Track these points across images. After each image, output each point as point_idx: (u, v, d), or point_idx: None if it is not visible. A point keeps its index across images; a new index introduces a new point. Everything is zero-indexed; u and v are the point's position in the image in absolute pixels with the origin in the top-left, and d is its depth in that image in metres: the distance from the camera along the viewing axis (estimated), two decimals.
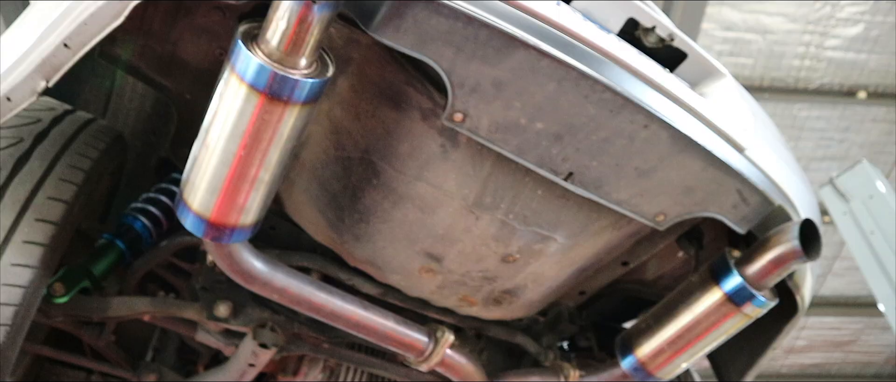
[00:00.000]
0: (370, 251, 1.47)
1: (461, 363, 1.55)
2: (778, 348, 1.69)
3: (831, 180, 4.13)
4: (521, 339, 1.79)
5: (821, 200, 4.36)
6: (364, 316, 1.43)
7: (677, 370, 1.60)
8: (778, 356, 9.06)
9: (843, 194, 4.06)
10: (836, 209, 4.10)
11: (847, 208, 4.01)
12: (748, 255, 1.43)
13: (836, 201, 4.09)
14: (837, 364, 9.31)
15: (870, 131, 7.17)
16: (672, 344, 1.54)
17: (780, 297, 1.51)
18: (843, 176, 4.14)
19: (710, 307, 1.47)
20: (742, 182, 1.32)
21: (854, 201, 4.02)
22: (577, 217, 1.36)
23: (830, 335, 8.89)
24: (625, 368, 1.61)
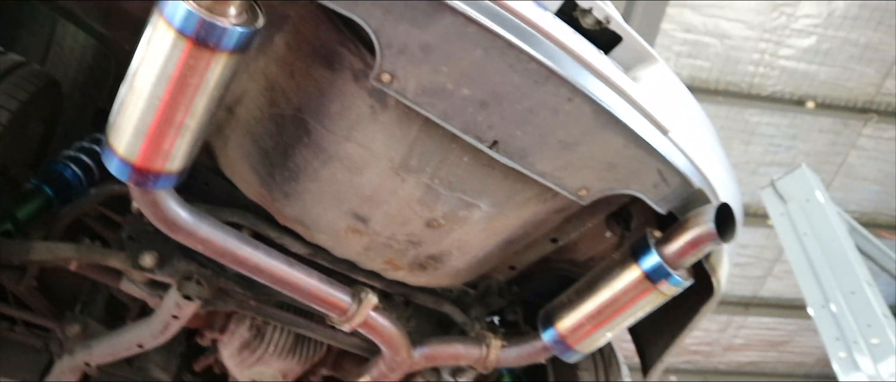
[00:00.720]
0: (299, 209, 1.49)
1: (384, 325, 1.58)
2: (695, 328, 1.75)
3: (772, 182, 4.27)
4: (449, 309, 1.82)
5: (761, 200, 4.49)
6: (289, 273, 1.44)
7: (596, 343, 1.65)
8: (716, 352, 9.33)
9: (782, 197, 4.19)
10: (774, 210, 4.24)
11: (784, 210, 4.14)
12: (667, 235, 1.48)
13: (776, 202, 4.22)
14: (772, 363, 9.63)
15: (816, 141, 7.41)
16: (592, 319, 1.59)
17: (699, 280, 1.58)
18: (784, 179, 4.28)
19: (628, 284, 1.52)
20: (663, 163, 1.37)
21: (791, 203, 4.15)
22: (501, 186, 1.39)
23: (767, 335, 9.19)
24: (545, 340, 1.65)
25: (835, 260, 3.81)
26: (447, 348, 1.72)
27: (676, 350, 1.82)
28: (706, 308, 1.67)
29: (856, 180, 7.76)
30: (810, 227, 3.98)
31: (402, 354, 1.65)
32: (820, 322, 3.74)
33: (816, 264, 3.87)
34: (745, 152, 7.34)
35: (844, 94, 7.07)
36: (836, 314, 3.62)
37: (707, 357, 9.46)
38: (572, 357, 1.68)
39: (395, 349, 1.64)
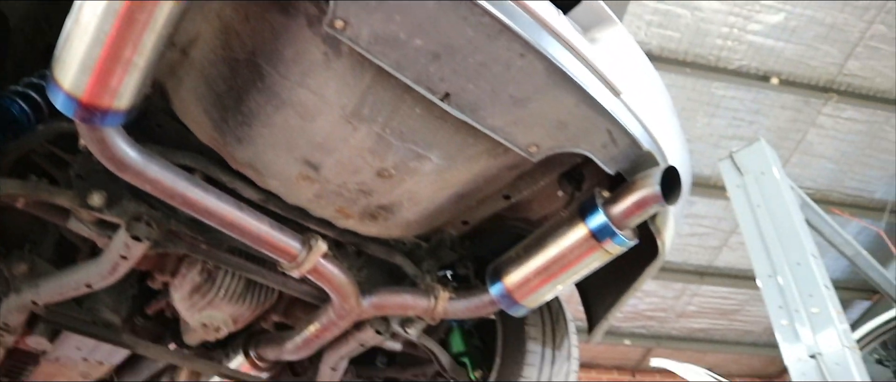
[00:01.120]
0: (251, 153, 1.49)
1: (333, 273, 1.59)
2: (639, 289, 1.80)
3: (730, 154, 4.35)
4: (400, 260, 1.84)
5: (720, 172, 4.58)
6: (239, 217, 1.44)
7: (542, 299, 1.69)
8: (670, 319, 9.59)
9: (740, 169, 4.28)
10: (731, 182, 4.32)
11: (741, 182, 4.23)
12: (614, 196, 1.52)
13: (732, 174, 4.31)
14: (722, 331, 9.94)
15: (778, 117, 7.55)
16: (538, 274, 1.62)
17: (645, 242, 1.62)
18: (742, 152, 4.36)
19: (575, 242, 1.55)
20: (613, 124, 1.39)
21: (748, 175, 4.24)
22: (453, 139, 1.40)
23: (719, 303, 9.46)
24: (493, 294, 1.69)
25: (784, 232, 3.92)
26: (396, 298, 1.75)
27: (621, 309, 1.87)
28: (650, 270, 1.72)
29: (813, 157, 7.96)
30: (763, 199, 4.07)
31: (350, 302, 1.67)
32: (766, 291, 3.86)
33: (767, 235, 3.97)
34: (708, 124, 7.46)
35: (808, 72, 7.20)
36: (782, 284, 3.74)
37: (661, 322, 9.72)
38: (519, 312, 1.73)
39: (343, 296, 1.66)
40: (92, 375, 2.29)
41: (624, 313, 9.50)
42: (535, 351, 1.98)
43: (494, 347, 2.10)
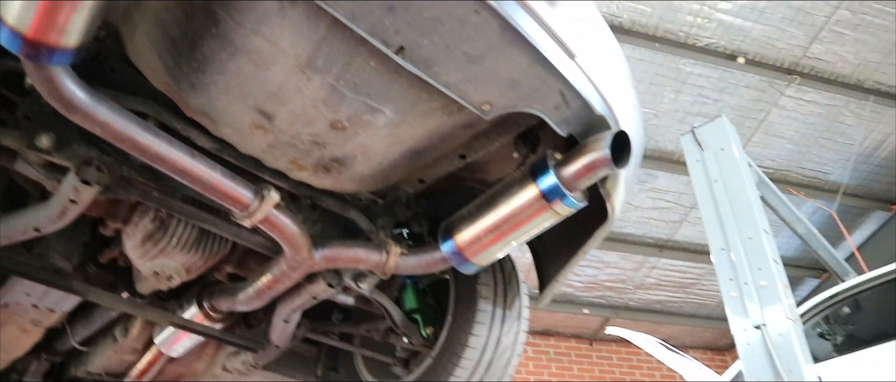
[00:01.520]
0: (205, 101, 1.48)
1: (285, 224, 1.60)
2: (589, 250, 1.84)
3: (692, 129, 4.42)
4: (355, 215, 1.86)
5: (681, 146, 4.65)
6: (191, 163, 1.43)
7: (492, 257, 1.73)
8: (628, 290, 9.79)
9: (700, 144, 4.35)
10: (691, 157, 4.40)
11: (700, 157, 4.31)
12: (565, 158, 1.54)
13: (693, 148, 4.38)
14: (678, 304, 10.19)
15: (742, 96, 7.67)
16: (489, 233, 1.65)
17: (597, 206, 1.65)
18: (703, 128, 4.43)
19: (525, 202, 1.58)
20: (566, 85, 1.41)
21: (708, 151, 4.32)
22: (406, 94, 1.41)
23: (677, 277, 9.68)
24: (444, 251, 1.71)
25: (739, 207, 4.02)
26: (348, 251, 1.77)
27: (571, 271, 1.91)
28: (599, 233, 1.75)
29: (774, 137, 8.12)
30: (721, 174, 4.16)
31: (302, 253, 1.69)
32: (718, 263, 3.96)
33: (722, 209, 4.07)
34: (675, 100, 7.55)
35: (773, 53, 7.31)
36: (733, 257, 3.85)
37: (620, 293, 9.92)
38: (469, 269, 1.76)
39: (296, 248, 1.67)
40: (43, 323, 2.28)
41: (583, 283, 9.68)
42: (486, 310, 2.02)
43: (447, 305, 2.13)
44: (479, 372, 2.02)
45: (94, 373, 2.63)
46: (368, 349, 2.42)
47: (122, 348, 2.47)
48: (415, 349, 2.20)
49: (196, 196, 1.72)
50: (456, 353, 2.01)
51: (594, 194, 1.65)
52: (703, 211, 4.27)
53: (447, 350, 2.04)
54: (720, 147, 4.33)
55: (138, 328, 2.40)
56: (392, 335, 2.21)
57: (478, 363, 2.01)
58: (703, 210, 4.26)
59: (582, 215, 1.77)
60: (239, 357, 2.45)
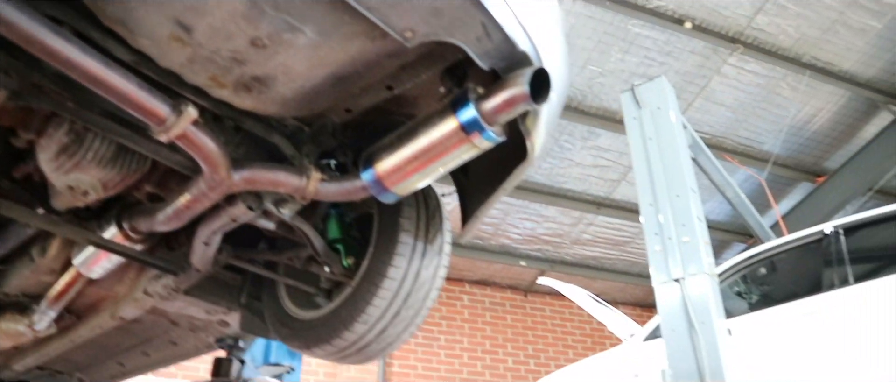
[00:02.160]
0: (122, 10, 1.43)
1: (204, 141, 1.59)
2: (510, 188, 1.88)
3: (632, 87, 4.49)
4: (278, 140, 1.85)
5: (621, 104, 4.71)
6: (104, 72, 1.40)
7: (412, 187, 1.76)
8: (565, 245, 10.03)
9: (638, 102, 4.43)
10: (629, 114, 4.48)
11: (637, 115, 4.39)
12: (486, 92, 1.57)
13: (631, 106, 4.46)
14: (611, 261, 10.51)
15: (686, 61, 7.81)
16: (408, 163, 1.68)
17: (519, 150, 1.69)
18: (643, 86, 4.50)
19: (445, 134, 1.61)
20: (487, 18, 1.42)
21: (645, 109, 4.40)
22: (328, 15, 1.40)
23: (612, 234, 9.96)
24: (364, 180, 1.73)
25: (669, 166, 4.12)
26: (267, 173, 1.76)
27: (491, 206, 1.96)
28: (519, 171, 1.79)
29: (714, 103, 8.33)
30: (656, 133, 4.25)
31: (221, 173, 1.68)
32: (645, 218, 4.08)
33: (654, 167, 4.17)
34: (621, 60, 7.64)
35: (719, 20, 7.45)
36: (660, 213, 3.96)
37: (556, 247, 10.16)
38: (389, 198, 1.79)
39: (214, 167, 1.66)
40: None
41: (522, 235, 9.86)
42: (407, 243, 2.05)
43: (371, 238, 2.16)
44: (396, 303, 2.06)
45: (10, 294, 2.58)
46: (293, 278, 2.43)
47: (39, 268, 2.43)
48: (337, 279, 2.22)
49: (113, 110, 1.68)
50: (375, 283, 2.04)
51: (518, 133, 1.68)
52: (635, 167, 4.39)
53: (367, 280, 2.07)
54: (657, 106, 4.42)
55: (56, 248, 2.36)
56: (314, 264, 2.22)
57: (396, 294, 2.05)
58: (636, 167, 4.37)
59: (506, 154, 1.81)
60: (160, 280, 2.43)
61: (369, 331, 2.09)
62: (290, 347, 2.41)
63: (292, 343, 2.34)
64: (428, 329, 10.60)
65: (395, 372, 10.13)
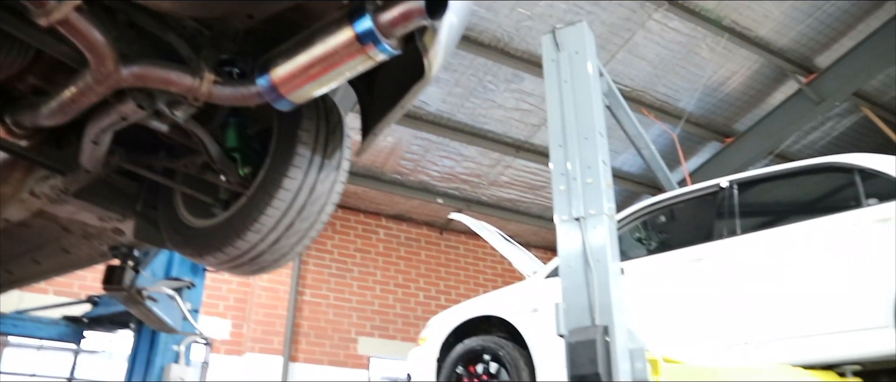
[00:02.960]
0: None
1: (89, 31, 1.53)
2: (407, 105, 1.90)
3: (553, 29, 4.53)
4: (174, 39, 1.80)
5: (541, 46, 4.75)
6: None
7: (307, 95, 1.75)
8: (482, 185, 10.19)
9: (558, 44, 4.47)
10: (548, 56, 4.52)
11: (556, 57, 4.44)
12: (384, 4, 1.57)
13: (551, 49, 4.50)
14: (527, 204, 10.77)
15: (614, 12, 7.92)
16: (304, 71, 1.67)
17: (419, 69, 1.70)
18: (564, 30, 4.54)
19: (340, 44, 1.61)
20: None
21: (563, 52, 4.45)
22: None
23: (529, 178, 10.18)
24: (259, 85, 1.72)
25: (581, 109, 4.21)
26: (158, 70, 1.72)
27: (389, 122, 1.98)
28: (416, 88, 1.81)
29: (636, 57, 8.52)
30: (571, 76, 4.33)
31: (108, 66, 1.62)
32: (553, 157, 4.17)
33: (567, 109, 4.25)
34: (550, 6, 7.68)
35: None
36: (568, 154, 4.07)
37: (474, 187, 10.32)
38: (284, 106, 1.78)
39: (100, 58, 1.60)
40: None
41: (440, 173, 9.96)
42: (304, 155, 2.05)
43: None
44: (290, 215, 2.07)
45: None
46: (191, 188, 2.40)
47: None
48: (234, 190, 2.21)
49: None
50: (270, 194, 2.04)
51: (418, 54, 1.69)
52: (549, 108, 4.47)
53: (262, 190, 2.07)
54: (575, 51, 4.49)
55: None
56: (210, 172, 2.20)
57: (290, 205, 2.06)
58: (550, 108, 4.45)
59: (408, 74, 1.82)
60: (48, 181, 2.35)
61: (262, 241, 2.10)
62: (183, 254, 2.40)
63: (185, 250, 2.32)
64: (342, 261, 10.67)
65: (306, 301, 10.19)
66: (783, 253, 4.05)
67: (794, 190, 4.74)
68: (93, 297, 4.94)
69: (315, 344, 10.05)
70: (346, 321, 10.36)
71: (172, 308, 3.88)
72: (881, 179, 4.02)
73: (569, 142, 4.12)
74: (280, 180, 2.03)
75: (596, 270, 3.69)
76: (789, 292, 3.92)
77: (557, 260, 4.28)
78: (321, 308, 10.28)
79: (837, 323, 3.71)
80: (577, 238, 3.82)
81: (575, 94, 4.31)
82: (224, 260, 2.17)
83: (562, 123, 4.25)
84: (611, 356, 3.37)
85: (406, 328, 10.51)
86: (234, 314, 9.64)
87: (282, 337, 9.66)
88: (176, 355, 4.24)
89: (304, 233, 2.15)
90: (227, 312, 9.60)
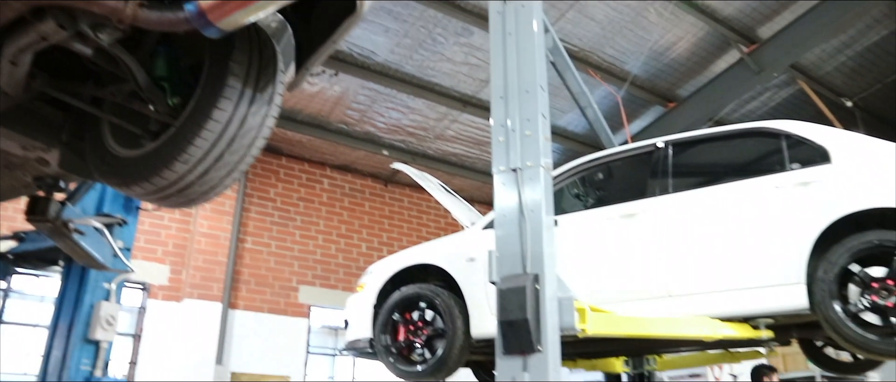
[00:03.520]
0: None
1: None
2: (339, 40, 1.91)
3: None
4: None
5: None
6: None
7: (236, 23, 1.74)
8: (429, 139, 10.20)
9: None
10: (493, 8, 4.51)
11: (502, 9, 4.44)
12: None
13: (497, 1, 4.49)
14: (472, 159, 10.85)
15: None
16: None
17: None
18: None
19: None
20: None
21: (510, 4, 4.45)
22: None
23: (475, 133, 10.23)
24: (187, 11, 1.68)
25: (524, 62, 4.24)
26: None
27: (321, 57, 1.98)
28: (346, 25, 1.81)
29: (586, 17, 8.57)
30: (516, 28, 4.33)
31: None
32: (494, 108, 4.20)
33: (509, 62, 4.27)
34: None
35: None
36: (508, 106, 4.11)
37: (420, 140, 10.32)
38: (212, 33, 1.75)
39: None
40: None
41: (387, 125, 9.92)
42: (235, 87, 2.03)
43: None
44: (220, 146, 2.06)
45: None
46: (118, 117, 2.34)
47: None
48: (163, 120, 2.17)
49: None
50: (199, 124, 2.02)
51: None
52: (492, 60, 4.48)
53: (191, 121, 2.04)
54: (521, 3, 4.49)
55: None
56: (138, 101, 2.15)
57: (220, 137, 2.04)
58: (493, 59, 4.47)
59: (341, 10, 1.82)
60: None
61: (190, 172, 2.08)
62: (110, 185, 2.36)
63: (111, 180, 2.28)
64: (284, 209, 10.60)
65: (248, 249, 10.12)
66: (710, 212, 4.21)
67: (725, 153, 4.90)
68: (18, 233, 4.78)
69: (255, 292, 10.02)
70: (287, 270, 10.34)
71: (102, 245, 3.80)
72: (806, 146, 4.20)
73: (510, 94, 4.15)
74: (210, 110, 2.01)
75: (530, 220, 3.77)
76: (713, 248, 4.09)
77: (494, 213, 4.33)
78: (262, 256, 10.22)
79: (755, 279, 3.90)
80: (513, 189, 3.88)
81: (518, 46, 4.33)
82: (151, 191, 2.15)
83: (504, 76, 4.28)
84: (540, 303, 3.47)
85: (347, 279, 10.56)
86: (173, 260, 9.52)
87: (221, 284, 9.60)
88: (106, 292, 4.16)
89: (233, 166, 2.14)
90: (166, 257, 9.47)
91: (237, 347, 9.60)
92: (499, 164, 3.97)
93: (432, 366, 4.50)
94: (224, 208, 9.86)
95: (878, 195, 3.68)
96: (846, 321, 3.58)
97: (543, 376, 3.36)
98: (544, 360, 3.35)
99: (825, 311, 3.63)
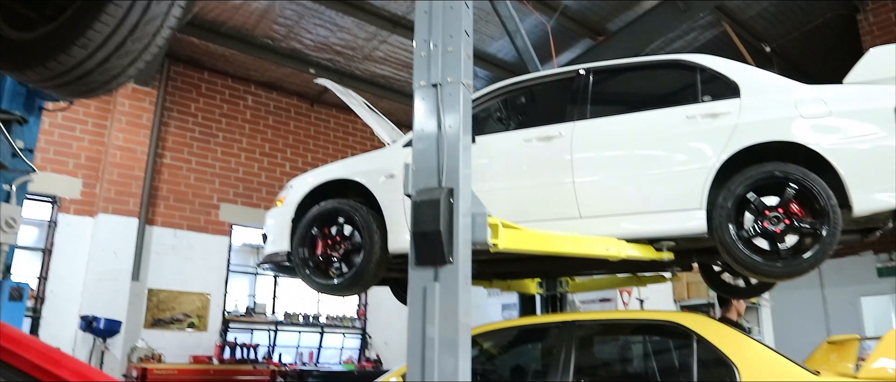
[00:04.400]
0: None
1: None
2: None
3: None
4: None
5: None
6: None
7: None
8: (357, 59, 10.03)
9: None
10: None
11: None
12: None
13: None
14: (401, 83, 10.76)
15: None
16: None
17: None
18: None
19: None
20: None
21: None
22: None
23: (405, 55, 10.11)
24: None
25: None
26: None
27: None
28: None
29: None
30: None
31: None
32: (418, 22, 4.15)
33: None
34: None
35: None
36: (432, 20, 4.07)
37: (348, 60, 10.13)
38: None
39: None
40: None
41: (314, 42, 9.67)
42: None
43: None
44: (122, 32, 1.98)
45: None
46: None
47: None
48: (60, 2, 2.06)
49: None
50: (98, 8, 1.93)
51: None
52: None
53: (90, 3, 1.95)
54: None
55: None
56: None
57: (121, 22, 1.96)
58: None
59: None
60: None
61: (89, 58, 2.00)
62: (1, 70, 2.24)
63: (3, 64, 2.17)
64: (206, 125, 10.31)
65: (166, 164, 9.83)
66: (623, 138, 4.36)
67: (644, 83, 5.04)
68: None
69: (174, 208, 9.81)
70: (208, 187, 10.14)
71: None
72: (720, 80, 4.36)
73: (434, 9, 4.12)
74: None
75: (447, 135, 3.81)
76: (623, 173, 4.25)
77: None
78: (182, 172, 9.97)
79: (660, 203, 4.09)
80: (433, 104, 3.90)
81: None
82: (47, 76, 2.06)
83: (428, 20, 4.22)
84: (453, 216, 3.55)
85: (270, 198, 10.45)
86: (86, 173, 9.17)
87: (138, 199, 9.34)
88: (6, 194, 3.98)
89: (137, 54, 2.06)
90: (78, 170, 9.11)
91: (155, 263, 9.44)
92: (419, 79, 3.96)
93: (349, 280, 4.55)
94: (141, 121, 9.50)
95: (777, 129, 3.89)
96: (739, 244, 3.82)
97: (454, 287, 3.46)
98: (455, 271, 3.44)
99: (722, 235, 3.85)
